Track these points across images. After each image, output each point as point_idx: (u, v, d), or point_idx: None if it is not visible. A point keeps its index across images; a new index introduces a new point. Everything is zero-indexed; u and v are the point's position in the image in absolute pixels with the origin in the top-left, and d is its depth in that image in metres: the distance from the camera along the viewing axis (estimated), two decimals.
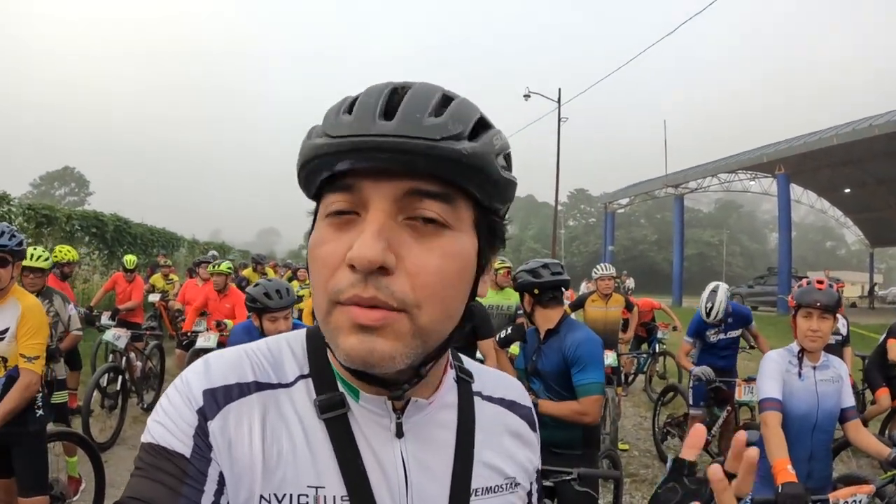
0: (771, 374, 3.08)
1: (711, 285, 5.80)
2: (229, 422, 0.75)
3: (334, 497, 0.75)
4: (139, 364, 8.02)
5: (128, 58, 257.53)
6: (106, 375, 6.99)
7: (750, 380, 5.09)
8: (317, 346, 0.83)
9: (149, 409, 8.23)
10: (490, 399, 0.94)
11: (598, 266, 7.94)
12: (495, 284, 6.76)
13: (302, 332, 0.89)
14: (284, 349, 0.85)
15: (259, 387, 0.79)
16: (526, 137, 37.32)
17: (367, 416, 0.80)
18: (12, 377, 3.49)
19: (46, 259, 5.45)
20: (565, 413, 3.27)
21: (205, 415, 0.74)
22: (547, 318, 3.55)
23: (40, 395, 3.69)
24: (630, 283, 30.69)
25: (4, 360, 3.51)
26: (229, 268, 7.47)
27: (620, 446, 6.99)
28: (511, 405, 0.97)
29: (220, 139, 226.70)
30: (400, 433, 0.81)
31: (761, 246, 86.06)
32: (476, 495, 0.84)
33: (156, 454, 0.73)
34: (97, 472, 4.53)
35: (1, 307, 3.53)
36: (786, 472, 2.68)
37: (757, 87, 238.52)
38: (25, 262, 5.09)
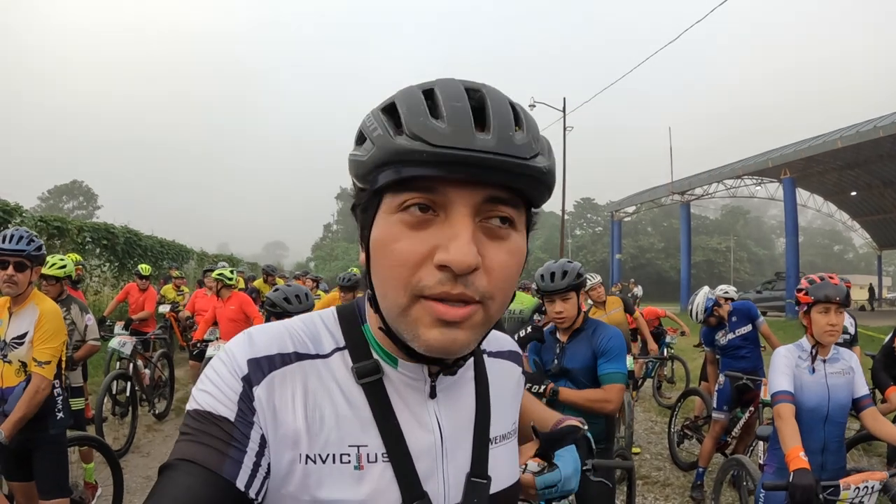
0: (781, 368, 3.14)
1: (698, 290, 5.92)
2: (274, 388, 0.81)
3: (375, 454, 0.83)
4: (147, 372, 8.09)
5: (135, 72, 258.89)
6: (116, 382, 7.08)
7: None
8: (350, 321, 0.92)
9: (160, 417, 8.35)
10: (494, 355, 1.06)
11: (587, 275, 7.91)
12: None
13: (332, 310, 0.96)
14: (319, 325, 0.92)
15: (299, 357, 0.85)
16: None
17: (404, 380, 0.89)
18: (20, 399, 3.52)
19: (61, 267, 5.48)
20: (588, 399, 3.30)
21: (250, 381, 0.80)
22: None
23: (60, 398, 3.75)
24: (638, 290, 30.63)
25: (24, 364, 3.58)
26: (220, 275, 7.48)
27: (633, 449, 7.00)
28: (507, 355, 1.10)
29: (228, 153, 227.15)
30: (433, 394, 0.90)
31: (769, 251, 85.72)
32: (494, 443, 0.97)
33: (202, 419, 0.78)
34: (115, 476, 4.57)
35: (20, 312, 3.60)
36: (798, 459, 2.73)
37: (763, 91, 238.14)
38: (44, 270, 5.16)
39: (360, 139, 0.80)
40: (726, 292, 8.65)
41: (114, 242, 15.15)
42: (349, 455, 0.82)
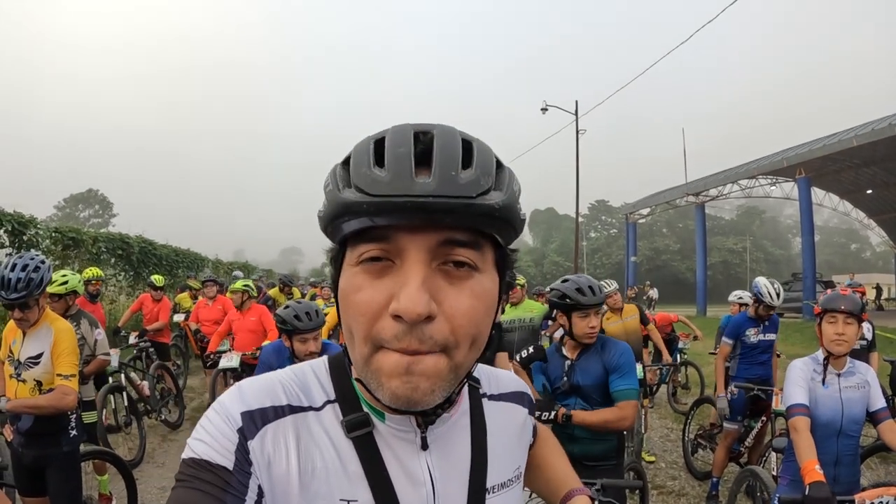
0: (797, 381, 3.13)
1: (758, 279, 5.78)
2: (266, 441, 0.81)
3: None
4: (145, 382, 8.09)
5: (149, 79, 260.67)
6: (112, 396, 7.06)
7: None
8: (340, 373, 0.91)
9: (174, 427, 8.42)
10: (495, 398, 1.02)
11: (602, 283, 7.88)
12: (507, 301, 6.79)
13: (323, 360, 0.95)
14: (310, 376, 0.91)
15: (292, 409, 0.85)
16: (544, 150, 37.40)
17: (393, 433, 0.86)
18: (44, 395, 3.59)
19: (63, 284, 5.44)
20: (605, 420, 3.27)
21: (244, 434, 0.80)
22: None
23: (73, 415, 3.76)
24: (654, 293, 30.52)
25: (39, 383, 3.62)
26: (245, 286, 7.52)
27: (647, 458, 6.96)
28: (512, 396, 1.05)
29: (242, 159, 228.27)
30: (425, 446, 0.87)
31: (785, 251, 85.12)
32: (492, 493, 0.92)
33: (198, 467, 0.78)
34: (130, 489, 4.61)
35: (35, 332, 3.63)
36: (814, 472, 2.73)
37: (777, 90, 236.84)
38: (52, 289, 5.18)
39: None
40: (741, 297, 8.63)
41: (129, 252, 15.28)
42: None
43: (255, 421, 0.82)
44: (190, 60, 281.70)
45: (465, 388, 0.96)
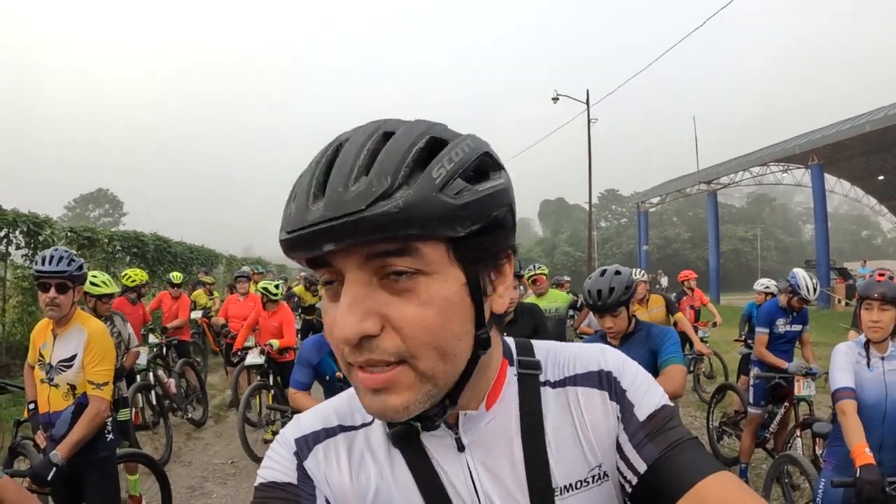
0: (842, 365, 3.12)
1: (796, 271, 5.68)
2: (319, 458, 0.87)
3: None
4: (172, 381, 8.16)
5: (156, 76, 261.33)
6: (140, 394, 7.13)
7: (808, 374, 5.08)
8: None
9: (199, 425, 8.47)
10: (558, 384, 0.91)
11: (631, 271, 7.85)
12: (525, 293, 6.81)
13: None
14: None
15: (343, 429, 0.90)
16: (555, 140, 37.29)
17: (431, 437, 0.86)
18: (81, 405, 3.51)
19: (108, 283, 5.53)
20: (670, 384, 3.20)
21: (300, 457, 0.87)
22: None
23: (110, 419, 3.70)
24: (664, 281, 30.47)
25: (73, 387, 3.54)
26: (264, 288, 7.55)
27: None
28: (583, 378, 0.90)
29: (247, 154, 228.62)
30: (461, 447, 0.85)
31: (796, 238, 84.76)
32: (561, 493, 0.84)
33: (268, 489, 0.84)
34: (164, 491, 4.59)
35: (66, 333, 3.55)
36: (864, 455, 2.73)
37: (790, 76, 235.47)
38: (98, 290, 5.19)
39: None
40: (767, 287, 8.59)
41: (144, 250, 15.34)
42: None
43: (307, 443, 0.88)
44: (197, 58, 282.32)
45: (512, 378, 0.90)
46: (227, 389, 9.76)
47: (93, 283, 5.24)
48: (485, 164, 0.75)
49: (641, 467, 0.81)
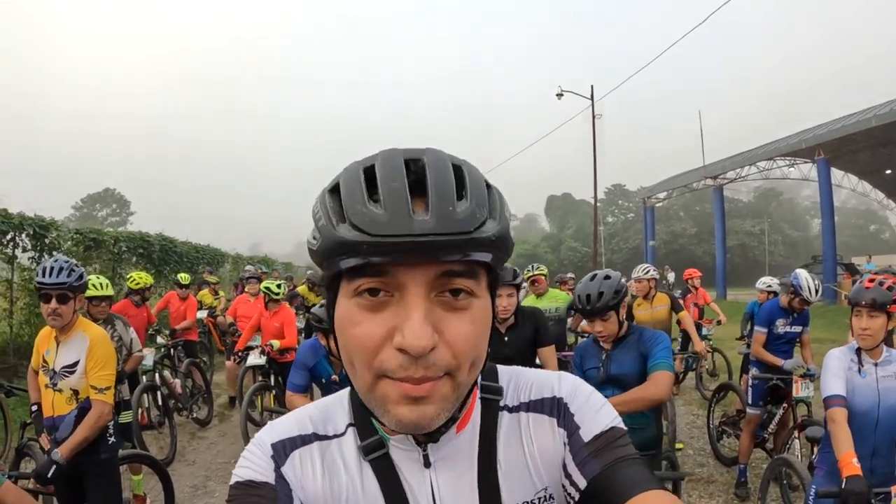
0: (834, 371, 3.08)
1: (799, 271, 5.68)
2: (296, 464, 0.91)
3: None
4: (177, 381, 8.26)
5: (163, 76, 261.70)
6: (146, 395, 7.19)
7: (806, 376, 5.06)
8: (359, 401, 0.90)
9: (203, 424, 8.53)
10: (515, 409, 0.96)
11: (638, 267, 7.93)
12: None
13: (348, 390, 0.99)
14: (337, 405, 0.99)
15: (317, 437, 0.94)
16: (560, 136, 37.28)
17: (400, 452, 0.91)
18: (84, 409, 3.60)
19: (104, 286, 5.62)
20: (637, 396, 3.24)
21: (277, 461, 0.90)
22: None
23: (111, 422, 3.78)
24: (671, 276, 30.40)
25: (76, 392, 3.63)
26: (266, 288, 7.62)
27: (676, 445, 6.95)
28: (537, 405, 0.95)
29: (255, 153, 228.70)
30: (427, 463, 0.90)
31: (803, 233, 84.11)
32: None
33: (245, 487, 0.87)
34: (167, 490, 4.65)
35: (68, 341, 3.63)
36: (851, 465, 2.70)
37: (793, 71, 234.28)
38: (90, 293, 5.26)
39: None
40: (769, 285, 8.59)
41: (150, 251, 15.37)
42: None
43: (284, 448, 0.91)
44: (205, 57, 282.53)
45: (477, 403, 0.95)
46: (230, 388, 9.81)
47: None
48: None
49: (582, 483, 0.85)
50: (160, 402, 7.41)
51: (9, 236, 10.38)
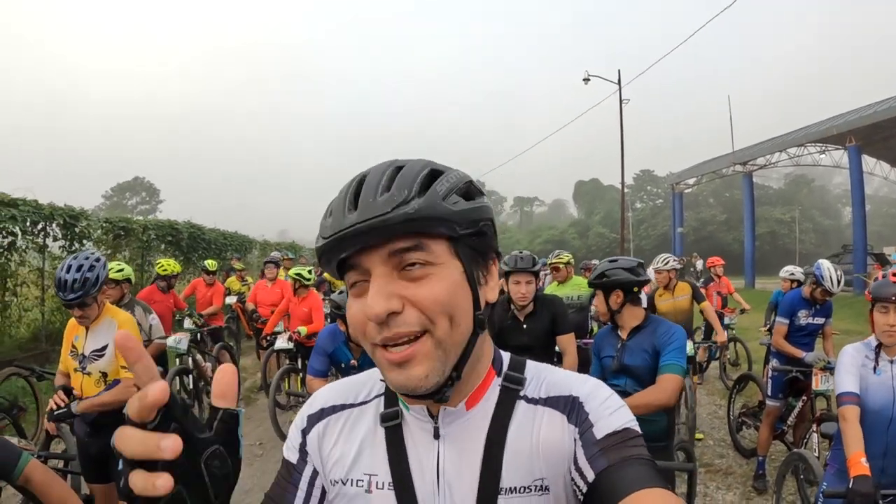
0: (847, 368, 3.03)
1: (821, 261, 5.55)
2: (319, 432, 1.09)
3: (383, 482, 1.01)
4: (208, 365, 8.43)
5: (194, 62, 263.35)
6: (178, 378, 7.41)
7: (826, 369, 4.97)
8: None
9: None
10: (533, 401, 1.03)
11: (658, 257, 7.84)
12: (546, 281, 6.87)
13: None
14: (373, 377, 1.13)
15: (343, 407, 1.11)
16: (588, 121, 37.00)
17: (416, 422, 1.03)
18: (110, 389, 3.74)
19: (119, 271, 5.80)
20: (644, 402, 3.27)
21: (305, 432, 1.10)
22: (634, 316, 3.64)
23: None
24: (699, 264, 30.12)
25: (104, 374, 3.77)
26: (297, 274, 7.71)
27: (696, 436, 6.93)
28: (553, 402, 1.02)
29: (284, 138, 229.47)
30: (437, 435, 1.01)
31: (835, 221, 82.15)
32: (503, 494, 0.96)
33: (282, 464, 1.11)
34: None
35: (97, 327, 3.78)
36: (859, 465, 2.67)
37: (825, 55, 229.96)
38: None
39: None
40: (792, 273, 8.50)
41: (178, 238, 15.60)
42: (363, 481, 1.03)
43: (313, 420, 1.11)
44: (231, 41, 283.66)
45: (496, 386, 1.04)
46: (258, 372, 9.97)
47: None
48: (471, 188, 0.96)
49: (590, 476, 0.90)
50: (191, 386, 7.61)
51: (39, 226, 10.57)
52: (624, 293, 3.62)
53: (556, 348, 4.61)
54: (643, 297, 3.90)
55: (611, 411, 0.97)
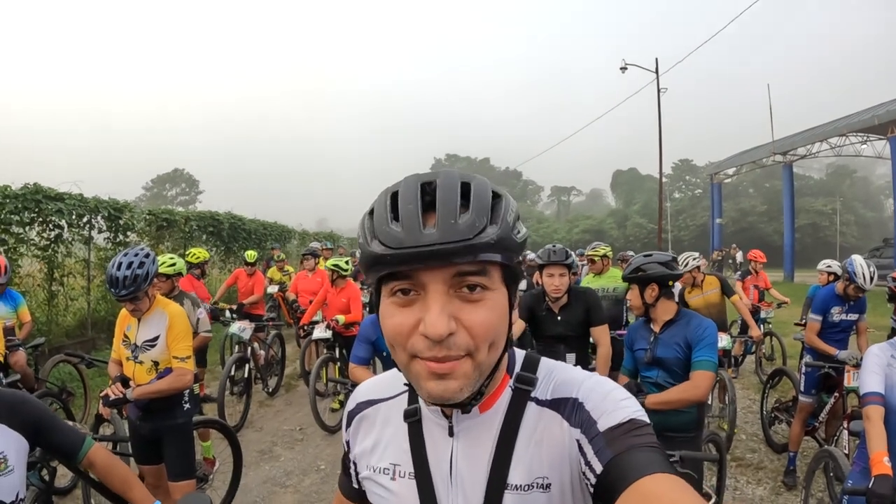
0: (873, 367, 3.03)
1: (854, 257, 5.54)
2: (355, 427, 1.26)
3: (405, 472, 1.14)
4: (262, 353, 8.70)
5: (235, 58, 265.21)
6: (234, 365, 7.64)
7: (859, 366, 4.86)
8: None
9: (273, 394, 8.96)
10: (541, 402, 1.08)
11: (683, 256, 7.65)
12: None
13: None
14: (400, 375, 1.14)
15: (374, 402, 1.25)
16: (626, 109, 36.69)
17: (432, 420, 1.13)
18: (162, 378, 3.92)
19: (171, 265, 5.96)
20: (676, 398, 3.42)
21: (347, 426, 1.29)
22: (668, 309, 3.76)
23: (187, 390, 4.10)
24: (739, 255, 29.75)
25: (156, 363, 3.96)
26: (335, 265, 7.85)
27: (725, 427, 6.93)
28: (556, 404, 1.07)
29: (323, 128, 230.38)
30: (451, 433, 1.10)
31: (877, 214, 79.64)
32: (510, 489, 1.04)
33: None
34: (235, 454, 5.02)
35: (149, 318, 3.96)
36: (881, 464, 2.69)
37: (869, 42, 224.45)
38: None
39: None
40: (829, 266, 8.43)
41: (219, 229, 15.90)
42: (389, 469, 1.16)
43: (352, 415, 1.27)
44: (271, 32, 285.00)
45: (508, 391, 1.11)
46: (297, 360, 10.27)
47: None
48: (518, 217, 1.00)
49: (598, 468, 0.93)
50: (245, 374, 7.84)
51: (85, 219, 10.91)
52: (659, 287, 3.73)
53: (591, 339, 4.69)
54: (676, 289, 3.98)
55: (614, 407, 1.00)
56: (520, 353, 1.17)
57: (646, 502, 0.81)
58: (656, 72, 28.17)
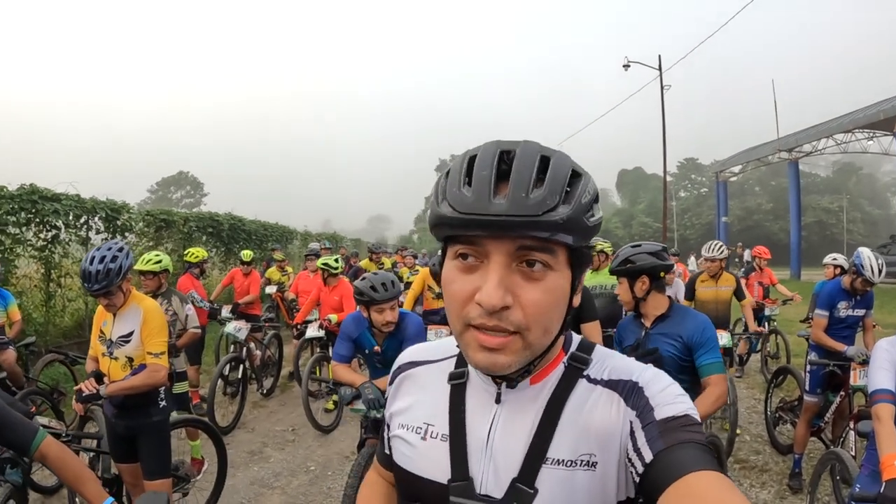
0: (882, 363, 2.90)
1: (861, 249, 5.33)
2: (398, 383, 1.27)
3: (439, 433, 1.12)
4: (258, 353, 8.60)
5: (232, 55, 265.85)
6: (228, 365, 7.64)
7: (865, 363, 4.77)
8: None
9: (268, 395, 8.87)
10: (594, 381, 1.07)
11: (708, 244, 7.64)
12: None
13: None
14: (452, 341, 1.16)
15: (420, 363, 1.26)
16: (630, 108, 36.66)
17: (481, 384, 1.12)
18: (136, 374, 3.84)
19: (157, 262, 5.94)
20: (703, 411, 3.21)
21: (390, 385, 1.29)
22: (659, 303, 3.59)
23: (163, 388, 4.02)
24: (746, 254, 29.64)
25: (130, 359, 3.88)
26: (324, 264, 7.84)
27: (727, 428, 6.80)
28: (613, 384, 1.05)
29: (326, 130, 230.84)
30: (498, 400, 1.09)
31: (884, 211, 79.42)
32: (549, 464, 1.01)
33: None
34: (220, 454, 4.95)
35: (124, 314, 3.87)
36: (893, 467, 2.54)
37: (873, 36, 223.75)
38: (138, 266, 5.64)
39: None
40: (835, 259, 8.30)
41: (219, 229, 15.83)
42: (421, 428, 1.15)
43: (398, 372, 1.28)
44: (272, 32, 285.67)
45: (561, 367, 1.09)
46: (293, 361, 10.14)
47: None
48: (597, 198, 0.99)
49: (648, 457, 0.91)
50: (240, 375, 7.77)
51: (82, 220, 10.86)
52: (650, 279, 3.56)
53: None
54: (680, 282, 3.82)
55: (671, 399, 0.99)
56: (577, 336, 1.17)
57: (693, 498, 0.81)
58: (659, 69, 28.08)
